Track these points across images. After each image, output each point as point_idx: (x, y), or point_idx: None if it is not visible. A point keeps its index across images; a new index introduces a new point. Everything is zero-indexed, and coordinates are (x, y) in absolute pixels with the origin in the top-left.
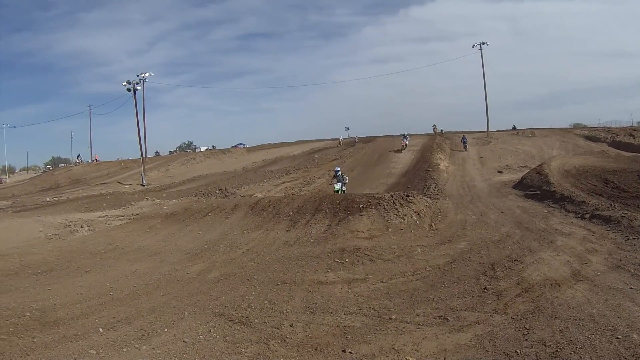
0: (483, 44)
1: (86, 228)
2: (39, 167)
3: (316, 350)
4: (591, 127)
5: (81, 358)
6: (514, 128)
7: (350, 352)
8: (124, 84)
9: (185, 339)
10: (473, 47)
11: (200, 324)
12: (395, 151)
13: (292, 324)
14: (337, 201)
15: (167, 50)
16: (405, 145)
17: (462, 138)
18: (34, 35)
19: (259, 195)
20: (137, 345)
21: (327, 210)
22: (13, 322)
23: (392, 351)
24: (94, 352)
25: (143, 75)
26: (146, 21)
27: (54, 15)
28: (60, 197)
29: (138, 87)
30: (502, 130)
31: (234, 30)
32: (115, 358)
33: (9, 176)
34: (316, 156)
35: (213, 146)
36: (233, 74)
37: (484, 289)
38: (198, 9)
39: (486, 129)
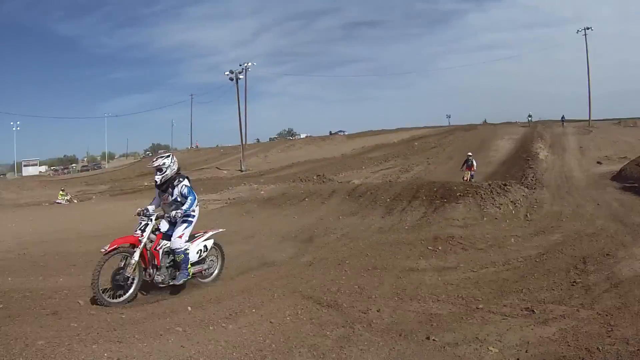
0: (587, 29)
1: None
2: (139, 154)
3: (400, 335)
4: None
5: (167, 334)
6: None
7: (434, 340)
8: (226, 73)
9: (272, 320)
10: (577, 32)
11: (289, 305)
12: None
13: (379, 309)
14: (435, 189)
15: (271, 40)
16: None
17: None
18: (137, 30)
19: (357, 182)
20: (223, 324)
21: (424, 198)
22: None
23: (476, 340)
24: (180, 329)
25: (246, 64)
26: (250, 13)
27: (157, 10)
28: None
29: (241, 77)
30: (603, 120)
31: (338, 19)
32: (201, 336)
33: (108, 162)
34: (416, 144)
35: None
36: (336, 63)
37: (573, 282)
38: None
39: (588, 118)
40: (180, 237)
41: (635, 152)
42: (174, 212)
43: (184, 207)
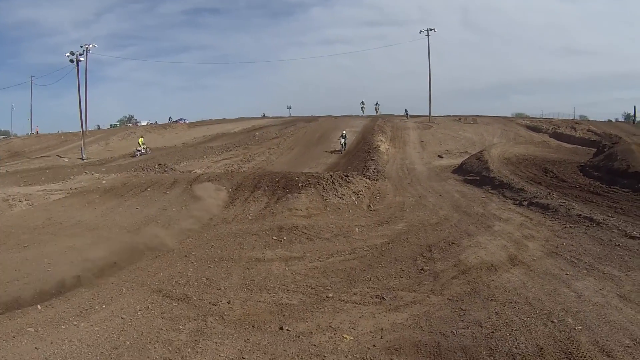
0: (431, 30)
1: (24, 202)
2: None
3: (253, 327)
4: (533, 118)
5: (20, 336)
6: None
7: (287, 330)
8: (67, 54)
9: (124, 316)
10: (420, 32)
11: (138, 300)
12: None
13: (229, 301)
14: (277, 179)
15: (113, 22)
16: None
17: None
18: None
19: (199, 172)
20: (75, 322)
21: (266, 188)
22: None
23: (329, 329)
24: (32, 330)
25: (87, 46)
26: None
27: None
28: None
29: (81, 59)
30: (444, 116)
31: (182, 4)
32: (54, 335)
33: None
34: (257, 134)
35: (156, 121)
36: (179, 49)
37: (421, 270)
38: None
39: (429, 114)
40: None
41: (475, 147)
42: None
43: None
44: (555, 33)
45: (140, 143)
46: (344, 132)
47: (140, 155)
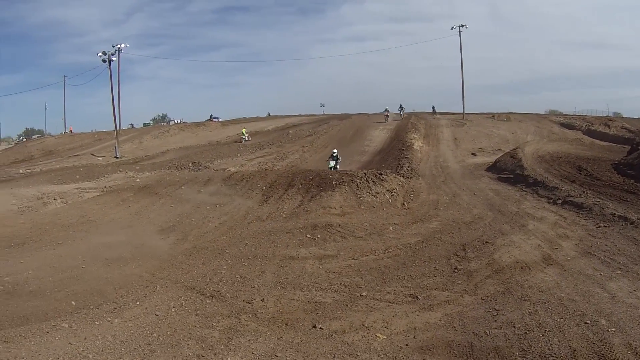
0: (462, 26)
1: (59, 200)
2: (12, 139)
3: (287, 325)
4: (567, 115)
5: (54, 331)
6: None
7: (320, 328)
8: (99, 54)
9: (157, 312)
10: (452, 29)
11: (172, 297)
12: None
13: (263, 299)
14: (310, 177)
15: (143, 21)
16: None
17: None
18: (7, 4)
19: (232, 169)
20: (109, 319)
21: (300, 186)
22: None
23: (363, 328)
24: (66, 326)
25: (119, 46)
26: None
27: None
28: (33, 169)
29: (113, 58)
30: (478, 113)
31: (212, 3)
32: (87, 331)
33: None
34: (290, 132)
35: (181, 120)
36: (209, 47)
37: (455, 269)
38: None
39: (462, 111)
40: None
41: (509, 144)
42: None
43: None
44: (581, 28)
45: (244, 132)
46: (335, 151)
47: (245, 142)
